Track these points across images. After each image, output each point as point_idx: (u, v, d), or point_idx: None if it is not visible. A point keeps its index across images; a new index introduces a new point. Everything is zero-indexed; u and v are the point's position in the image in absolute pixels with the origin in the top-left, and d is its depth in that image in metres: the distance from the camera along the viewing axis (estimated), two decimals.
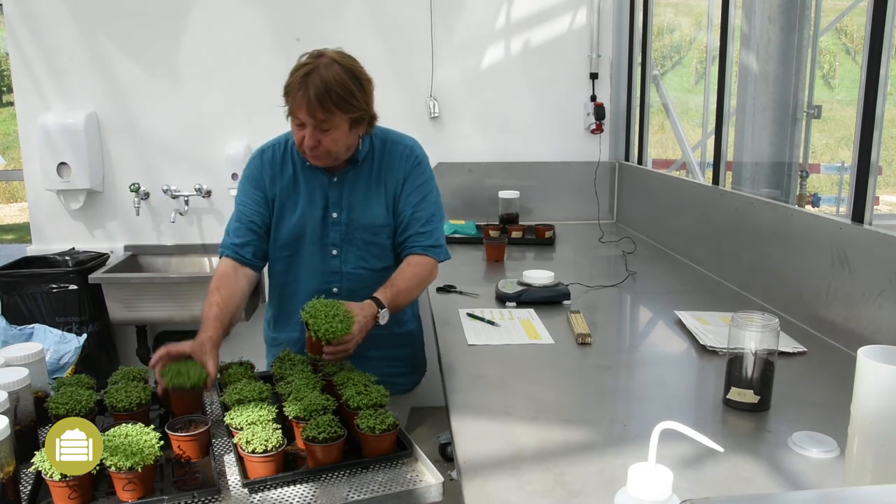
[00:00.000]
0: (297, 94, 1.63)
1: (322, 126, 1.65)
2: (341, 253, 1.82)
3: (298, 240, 1.82)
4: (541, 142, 3.50)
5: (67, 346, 2.01)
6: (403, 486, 1.23)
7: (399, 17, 3.35)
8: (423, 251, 1.81)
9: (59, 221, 3.39)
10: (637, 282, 2.36)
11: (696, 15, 11.66)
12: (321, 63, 1.64)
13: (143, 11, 3.26)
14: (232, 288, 1.73)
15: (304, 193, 1.82)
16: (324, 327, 1.49)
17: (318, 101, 1.61)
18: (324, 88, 1.61)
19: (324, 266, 1.83)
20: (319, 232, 1.82)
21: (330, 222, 1.81)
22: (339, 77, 1.63)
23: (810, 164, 4.74)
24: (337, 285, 1.83)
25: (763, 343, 1.33)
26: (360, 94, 1.68)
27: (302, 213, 1.81)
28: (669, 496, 0.78)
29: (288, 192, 1.82)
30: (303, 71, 1.64)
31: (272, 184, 1.83)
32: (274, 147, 1.87)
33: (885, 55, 1.67)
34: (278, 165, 1.84)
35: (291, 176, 1.83)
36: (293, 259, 1.84)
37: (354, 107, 1.66)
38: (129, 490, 1.15)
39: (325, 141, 1.68)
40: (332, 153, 1.72)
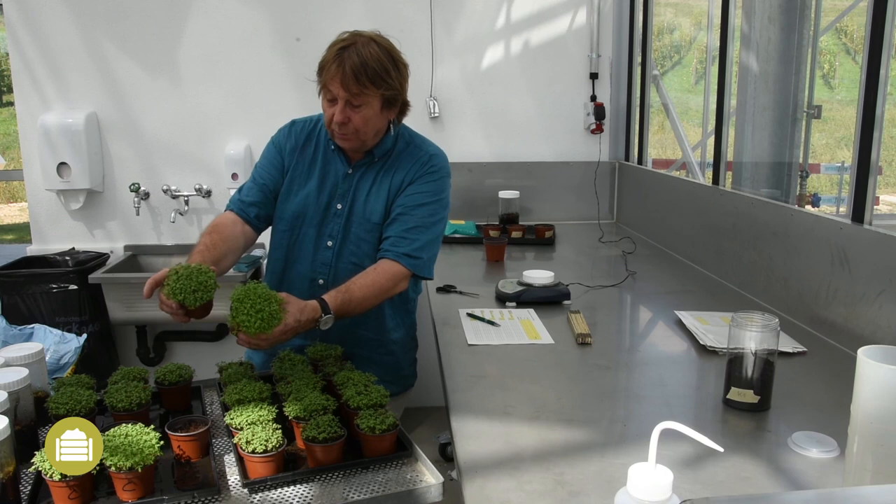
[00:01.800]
0: (331, 66, 1.63)
1: (354, 101, 1.64)
2: (336, 245, 1.80)
3: (298, 219, 1.81)
4: (541, 142, 3.51)
5: (67, 346, 2.01)
6: (403, 486, 1.23)
7: (399, 17, 3.35)
8: (396, 257, 1.72)
9: (59, 221, 3.40)
10: (637, 282, 2.36)
11: (696, 15, 11.66)
12: (359, 40, 1.65)
13: (143, 11, 3.26)
14: (224, 232, 1.72)
15: (316, 177, 1.81)
16: (241, 317, 1.42)
17: (353, 74, 1.61)
18: (360, 63, 1.61)
19: (316, 255, 1.81)
20: (320, 219, 1.80)
21: (332, 213, 1.80)
22: (377, 54, 1.64)
23: (810, 164, 4.74)
24: (323, 277, 1.81)
25: (763, 343, 1.33)
26: (396, 73, 1.68)
27: (308, 193, 1.80)
28: (669, 496, 0.78)
29: (302, 168, 1.82)
30: (340, 45, 1.64)
31: (291, 154, 1.83)
32: (306, 122, 1.88)
33: (885, 55, 1.67)
34: (303, 140, 1.84)
35: (311, 154, 1.83)
36: (289, 236, 1.82)
37: (389, 84, 1.66)
38: (129, 490, 1.15)
39: (355, 118, 1.66)
40: (361, 133, 1.70)
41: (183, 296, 1.43)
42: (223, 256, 1.68)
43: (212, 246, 1.66)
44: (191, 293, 1.43)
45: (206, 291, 1.44)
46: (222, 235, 1.71)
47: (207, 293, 1.45)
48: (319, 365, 1.62)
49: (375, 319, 1.84)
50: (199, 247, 1.66)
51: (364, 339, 1.83)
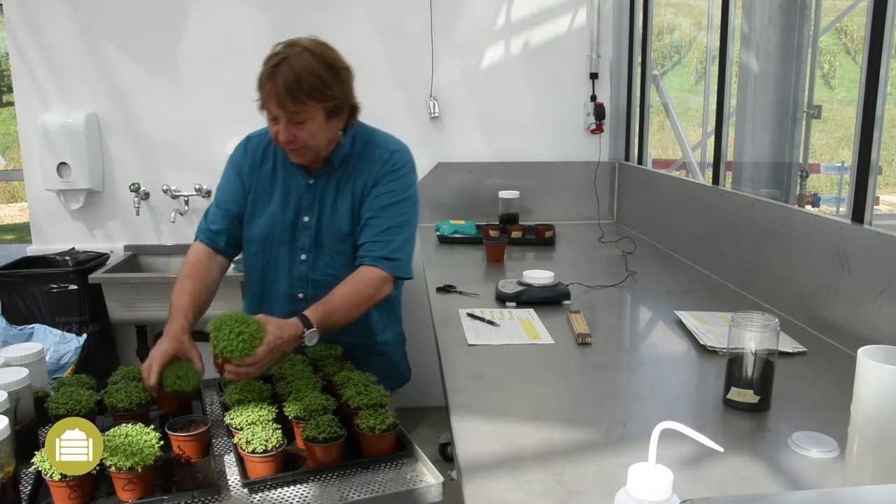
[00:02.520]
0: (266, 85, 1.57)
1: (295, 118, 1.59)
2: (310, 258, 1.77)
3: (267, 239, 1.78)
4: (541, 142, 3.51)
5: (67, 346, 2.01)
6: (403, 486, 1.23)
7: (399, 17, 3.35)
8: (374, 262, 1.68)
9: (59, 221, 3.40)
10: (637, 282, 2.36)
11: (696, 15, 11.66)
12: (292, 53, 1.58)
13: (143, 11, 3.26)
14: (205, 277, 1.70)
15: (279, 193, 1.77)
16: (222, 344, 1.37)
17: (287, 92, 1.55)
18: (293, 78, 1.54)
19: (292, 270, 1.78)
20: (289, 235, 1.77)
21: (301, 226, 1.76)
22: (311, 66, 1.57)
23: (810, 164, 4.75)
24: (303, 291, 1.79)
25: (763, 343, 1.33)
26: (335, 82, 1.62)
27: (273, 212, 1.76)
28: (669, 496, 0.78)
29: (263, 186, 1.78)
30: (273, 62, 1.58)
31: (250, 174, 1.79)
32: (260, 137, 1.83)
33: (885, 55, 1.67)
34: (259, 156, 1.79)
35: (270, 170, 1.78)
36: (262, 257, 1.80)
37: (328, 96, 1.60)
38: (129, 490, 1.15)
39: (301, 135, 1.61)
40: (311, 147, 1.65)
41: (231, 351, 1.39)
42: (206, 301, 1.69)
43: (196, 294, 1.64)
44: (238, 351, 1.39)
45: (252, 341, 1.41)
46: (204, 280, 1.69)
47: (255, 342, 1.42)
48: (319, 365, 1.62)
49: (362, 325, 1.82)
50: (185, 297, 1.62)
51: (354, 345, 1.80)
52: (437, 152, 3.45)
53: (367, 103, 3.32)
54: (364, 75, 3.35)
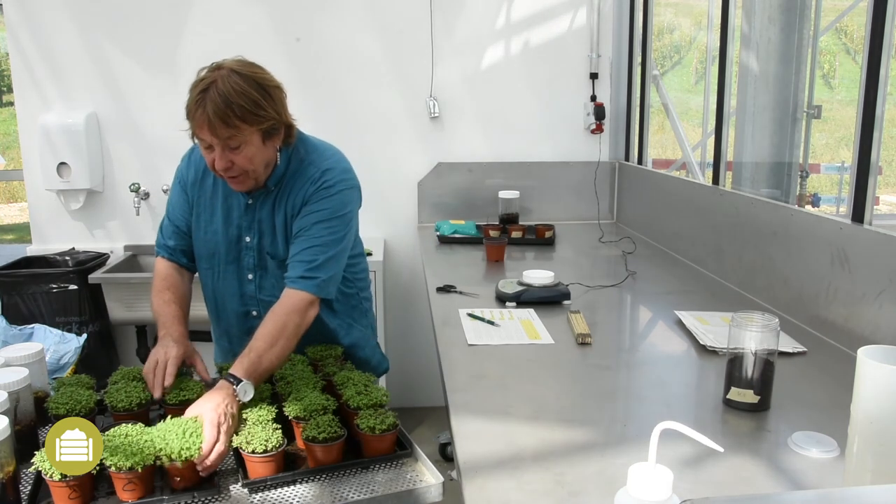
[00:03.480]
0: (195, 113, 1.48)
1: (229, 144, 1.50)
2: (256, 278, 1.73)
3: (213, 256, 1.74)
4: (541, 142, 3.51)
5: (67, 346, 2.01)
6: (403, 486, 1.23)
7: (399, 17, 3.35)
8: (293, 283, 1.58)
9: (59, 221, 3.40)
10: (637, 282, 2.36)
11: (696, 15, 11.66)
12: (219, 76, 1.49)
13: (143, 11, 3.26)
14: (181, 288, 1.74)
15: (220, 210, 1.72)
16: (177, 449, 1.19)
17: (219, 118, 1.46)
18: (223, 103, 1.45)
19: (241, 288, 1.75)
20: (235, 254, 1.72)
21: (244, 246, 1.72)
22: (240, 87, 1.48)
23: (810, 164, 4.74)
24: (255, 309, 1.76)
25: (763, 343, 1.33)
26: (268, 101, 1.52)
27: (216, 230, 1.72)
28: (669, 496, 0.78)
29: (205, 203, 1.73)
30: (200, 87, 1.49)
31: (193, 187, 1.74)
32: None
33: (885, 55, 1.67)
34: (202, 170, 1.72)
35: (211, 186, 1.72)
36: (212, 274, 1.77)
37: (262, 117, 1.51)
38: (129, 490, 1.15)
39: (239, 160, 1.53)
40: (250, 172, 1.57)
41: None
42: (188, 308, 1.73)
43: (180, 302, 1.69)
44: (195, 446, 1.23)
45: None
46: (180, 290, 1.73)
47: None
48: (319, 365, 1.62)
49: (322, 336, 1.74)
50: (171, 307, 1.67)
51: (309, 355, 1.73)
52: (437, 152, 3.45)
53: (367, 103, 3.36)
54: (364, 76, 3.38)
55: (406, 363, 3.43)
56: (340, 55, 3.31)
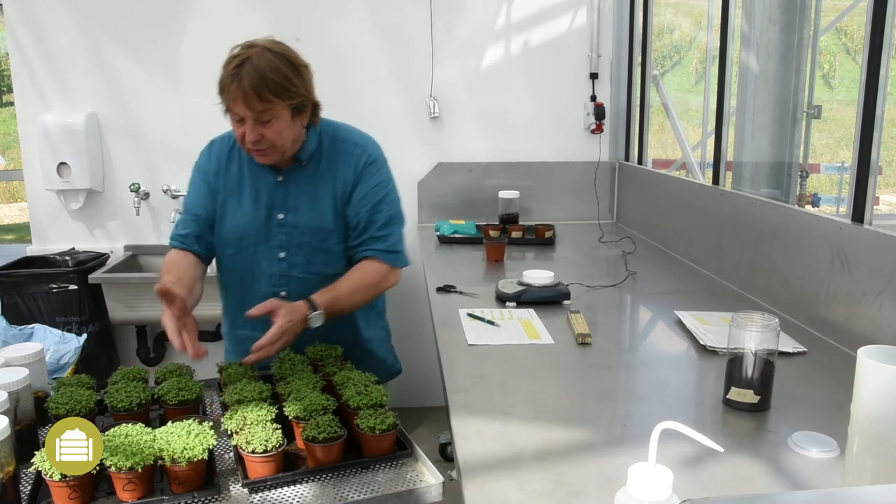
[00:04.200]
0: (230, 87, 1.58)
1: (262, 117, 1.60)
2: (289, 256, 1.77)
3: (241, 239, 1.78)
4: (541, 142, 3.50)
5: (67, 346, 2.01)
6: (403, 486, 1.23)
7: (399, 17, 3.35)
8: (377, 255, 1.76)
9: (59, 221, 3.39)
10: (637, 282, 2.36)
11: (696, 15, 11.66)
12: (253, 53, 1.59)
13: (143, 11, 3.26)
14: (182, 268, 1.71)
15: (248, 192, 1.77)
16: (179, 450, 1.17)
17: (253, 91, 1.55)
18: (258, 77, 1.55)
19: (271, 268, 1.78)
20: (265, 234, 1.77)
21: (275, 224, 1.76)
22: (274, 64, 1.58)
23: (810, 164, 4.75)
24: (285, 289, 1.79)
25: (763, 343, 1.33)
26: (298, 79, 1.63)
27: (245, 212, 1.77)
28: (669, 496, 0.78)
29: (231, 188, 1.78)
30: (234, 62, 1.58)
31: (216, 177, 1.79)
32: (223, 140, 1.84)
33: (885, 55, 1.67)
34: (224, 159, 1.80)
35: (237, 172, 1.79)
36: (239, 259, 1.80)
37: (293, 93, 1.62)
38: (129, 490, 1.15)
39: (268, 133, 1.62)
40: (278, 146, 1.66)
41: None
42: (191, 284, 1.68)
43: (178, 280, 1.64)
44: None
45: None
46: (181, 271, 1.71)
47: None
48: (319, 365, 1.62)
49: (346, 322, 1.83)
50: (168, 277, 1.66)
51: (340, 342, 1.78)
52: (437, 152, 3.45)
53: (367, 103, 3.36)
54: (364, 75, 3.38)
55: (406, 363, 3.42)
56: (340, 55, 3.31)
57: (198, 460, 1.18)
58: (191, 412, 1.42)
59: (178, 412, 1.41)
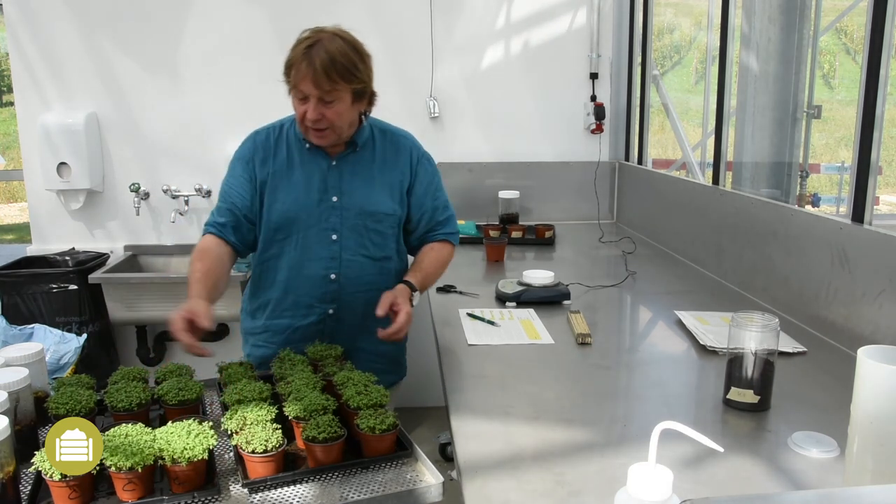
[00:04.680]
0: (300, 65, 1.64)
1: (326, 97, 1.66)
2: (341, 238, 1.80)
3: (293, 223, 1.80)
4: (541, 142, 3.50)
5: (67, 346, 2.01)
6: (403, 486, 1.23)
7: (399, 17, 3.35)
8: (447, 237, 1.94)
9: (59, 221, 3.39)
10: (637, 282, 2.36)
11: (696, 15, 11.66)
12: (324, 37, 1.67)
13: (143, 11, 3.26)
14: (213, 259, 1.72)
15: (300, 176, 1.80)
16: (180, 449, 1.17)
17: (323, 71, 1.62)
18: (328, 59, 1.62)
19: (322, 251, 1.80)
20: (317, 216, 1.79)
21: (328, 206, 1.79)
22: (343, 49, 1.66)
23: (810, 164, 4.74)
24: (335, 271, 1.80)
25: (763, 343, 1.33)
26: (363, 65, 1.70)
27: (296, 196, 1.79)
28: (669, 496, 0.78)
29: (280, 174, 1.81)
30: (306, 44, 1.66)
31: (262, 165, 1.81)
32: (269, 130, 1.87)
33: (885, 55, 1.67)
34: (272, 147, 1.83)
35: (286, 158, 1.82)
36: (289, 242, 1.81)
37: (358, 78, 1.68)
38: (129, 490, 1.15)
39: (329, 114, 1.68)
40: (336, 127, 1.71)
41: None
42: (218, 279, 1.70)
43: (207, 272, 1.66)
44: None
45: None
46: (212, 260, 1.71)
47: None
48: (319, 365, 1.62)
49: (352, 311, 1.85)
50: (195, 274, 1.65)
51: (374, 330, 1.78)
52: (437, 152, 3.39)
53: None
54: None
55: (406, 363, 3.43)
56: None
57: (198, 460, 1.18)
58: (191, 412, 1.42)
59: (178, 412, 1.40)
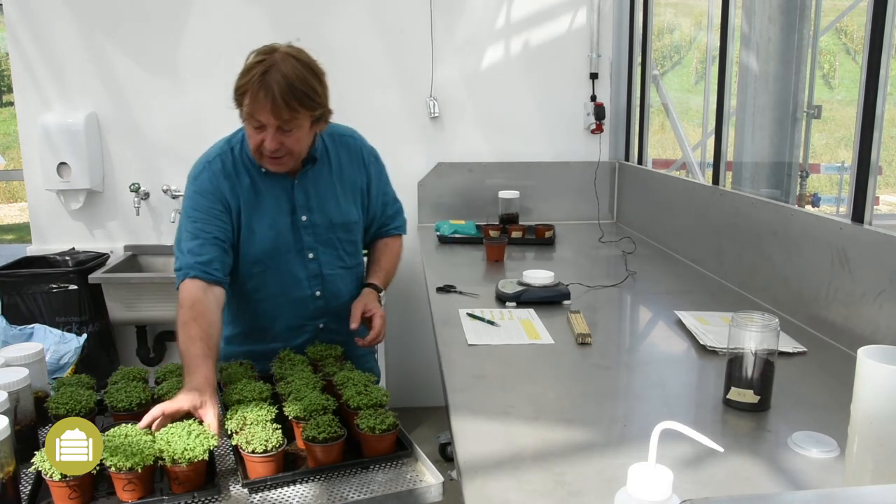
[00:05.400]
0: (257, 94, 1.52)
1: (285, 126, 1.55)
2: (318, 255, 1.77)
3: (274, 251, 1.73)
4: (541, 142, 3.50)
5: (67, 346, 2.01)
6: (403, 486, 1.23)
7: (399, 17, 3.35)
8: (398, 231, 1.99)
9: (59, 221, 3.39)
10: (637, 282, 2.36)
11: (696, 15, 11.66)
12: (277, 59, 1.53)
13: (143, 11, 3.26)
14: (209, 316, 1.54)
15: (268, 201, 1.71)
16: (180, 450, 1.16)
17: (283, 100, 1.51)
18: (286, 86, 1.51)
19: (302, 272, 1.77)
20: (292, 238, 1.74)
21: (301, 226, 1.74)
22: (300, 73, 1.54)
23: (810, 164, 4.74)
24: (318, 289, 1.79)
25: (763, 343, 1.33)
26: (321, 88, 1.60)
27: (271, 224, 1.71)
28: (669, 496, 0.78)
29: (251, 202, 1.70)
30: (259, 69, 1.52)
31: (233, 195, 1.68)
32: (221, 156, 1.71)
33: (885, 55, 1.67)
34: (233, 175, 1.69)
35: (250, 185, 1.70)
36: (270, 273, 1.74)
37: (318, 104, 1.59)
38: (129, 490, 1.15)
39: (288, 142, 1.59)
40: (295, 154, 1.63)
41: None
42: (218, 341, 1.55)
43: (207, 338, 1.48)
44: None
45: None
46: (209, 320, 1.53)
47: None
48: (319, 365, 1.62)
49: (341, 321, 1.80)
50: (196, 344, 1.46)
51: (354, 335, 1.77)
52: (437, 152, 3.45)
53: (367, 103, 3.36)
54: (364, 75, 3.38)
55: (406, 363, 3.43)
56: (340, 55, 3.31)
57: (198, 461, 1.18)
58: None
59: None
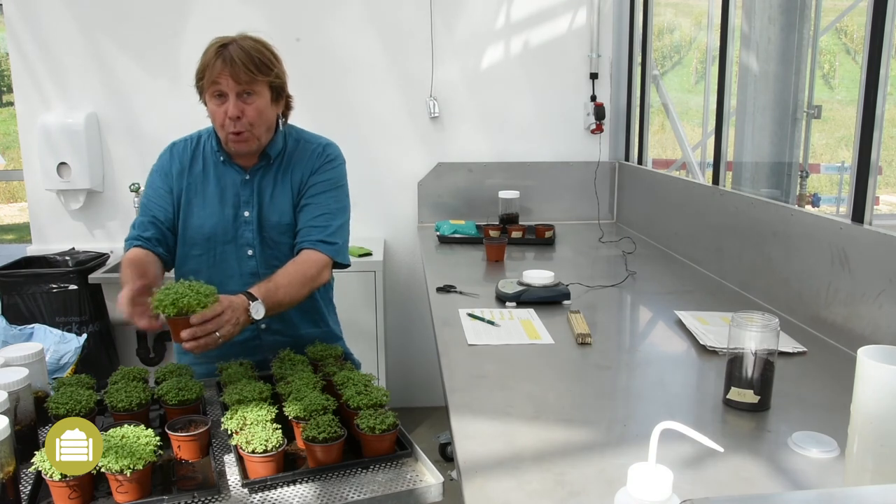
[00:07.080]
0: (216, 63, 1.65)
1: (245, 90, 1.66)
2: (256, 253, 1.78)
3: (209, 239, 1.77)
4: (541, 142, 3.51)
5: (67, 346, 2.01)
6: (403, 486, 1.23)
7: (399, 17, 3.35)
8: (313, 245, 1.72)
9: (59, 221, 3.40)
10: (637, 282, 2.36)
11: (696, 15, 11.65)
12: (235, 38, 1.69)
13: (143, 11, 3.26)
14: (144, 266, 1.65)
15: (214, 190, 1.78)
16: (170, 297, 1.37)
17: (241, 63, 1.63)
18: (244, 53, 1.64)
19: (241, 267, 1.78)
20: (232, 232, 1.77)
21: (242, 221, 1.77)
22: (256, 46, 1.68)
23: (810, 164, 4.74)
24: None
25: (763, 343, 1.33)
26: (278, 63, 1.71)
27: (212, 211, 1.77)
28: (669, 496, 0.78)
29: (195, 187, 1.78)
30: (217, 44, 1.68)
31: (179, 177, 1.79)
32: (186, 141, 1.86)
33: (885, 55, 1.67)
34: (188, 160, 1.81)
35: (201, 171, 1.80)
36: (207, 259, 1.78)
37: (275, 72, 1.69)
38: (122, 492, 1.15)
39: (249, 111, 1.67)
40: (256, 127, 1.69)
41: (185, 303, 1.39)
42: (154, 279, 1.63)
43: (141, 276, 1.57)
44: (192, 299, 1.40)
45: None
46: (143, 266, 1.64)
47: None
48: (319, 365, 1.62)
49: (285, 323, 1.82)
50: (125, 272, 1.60)
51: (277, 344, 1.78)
52: (437, 152, 3.45)
53: (367, 103, 3.36)
54: (364, 75, 3.38)
55: (406, 363, 3.43)
56: (340, 55, 3.31)
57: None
58: (191, 412, 1.42)
59: (178, 412, 1.41)
